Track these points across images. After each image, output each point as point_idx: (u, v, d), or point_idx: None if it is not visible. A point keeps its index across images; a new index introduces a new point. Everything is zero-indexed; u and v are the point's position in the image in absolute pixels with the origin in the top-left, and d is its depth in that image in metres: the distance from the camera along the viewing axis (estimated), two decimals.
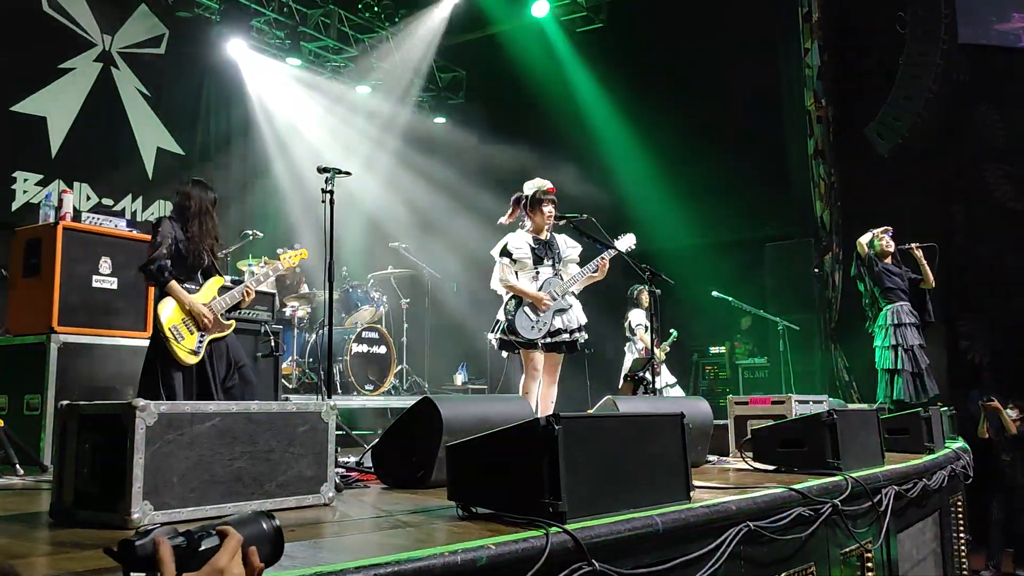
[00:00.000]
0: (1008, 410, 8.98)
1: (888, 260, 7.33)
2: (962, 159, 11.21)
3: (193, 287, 4.55)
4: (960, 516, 5.53)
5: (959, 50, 10.17)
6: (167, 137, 9.39)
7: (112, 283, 5.27)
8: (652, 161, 10.69)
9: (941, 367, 9.89)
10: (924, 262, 7.24)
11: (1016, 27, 11.30)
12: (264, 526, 1.26)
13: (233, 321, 4.69)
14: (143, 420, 2.22)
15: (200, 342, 4.46)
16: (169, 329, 4.34)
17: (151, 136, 9.23)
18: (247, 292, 4.66)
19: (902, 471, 4.04)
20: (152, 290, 5.01)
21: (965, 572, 5.53)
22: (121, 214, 7.34)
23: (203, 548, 1.14)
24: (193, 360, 4.42)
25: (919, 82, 9.45)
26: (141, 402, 2.24)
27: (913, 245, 7.28)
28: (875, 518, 3.54)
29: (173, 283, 4.41)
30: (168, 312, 4.39)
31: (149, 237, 4.76)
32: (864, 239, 7.35)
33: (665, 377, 8.78)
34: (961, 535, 5.51)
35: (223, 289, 4.68)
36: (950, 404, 7.90)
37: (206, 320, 4.44)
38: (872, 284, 7.28)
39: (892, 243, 7.33)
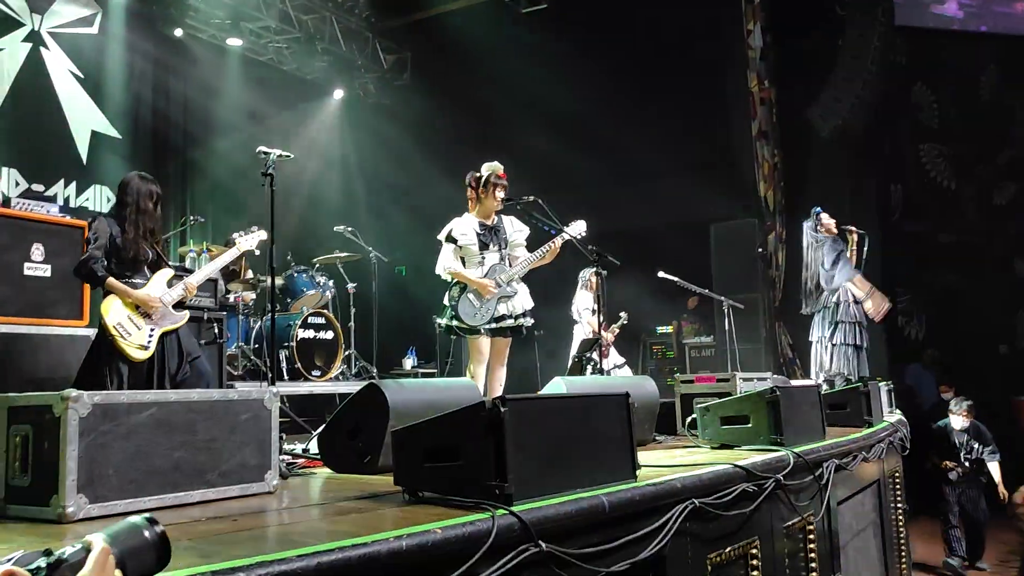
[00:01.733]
0: (952, 400, 8.61)
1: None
2: (899, 139, 11.48)
3: (140, 281, 4.43)
4: (898, 487, 5.70)
5: (896, 32, 10.38)
6: (102, 120, 9.10)
7: (45, 270, 5.11)
8: (597, 142, 10.71)
9: (880, 342, 10.15)
10: (856, 247, 7.41)
11: (951, 10, 11.58)
12: (146, 534, 1.21)
13: (186, 313, 4.58)
14: (76, 411, 2.15)
15: (151, 336, 4.34)
16: (115, 327, 4.21)
17: (85, 119, 8.93)
18: (188, 289, 4.55)
19: (842, 445, 4.13)
20: None
21: (903, 541, 5.70)
22: (53, 199, 7.09)
23: (68, 563, 1.09)
24: (144, 355, 4.30)
25: (858, 63, 9.64)
26: (74, 392, 2.17)
27: (852, 228, 7.45)
28: (816, 491, 3.62)
29: (111, 279, 4.28)
30: (112, 309, 4.26)
31: (83, 223, 4.65)
32: (828, 220, 7.46)
33: (613, 358, 8.85)
34: (899, 505, 5.67)
35: (172, 281, 4.56)
36: (889, 378, 8.11)
37: (154, 308, 4.32)
38: (822, 262, 7.41)
39: (832, 221, 7.48)
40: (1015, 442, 9.73)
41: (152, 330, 4.33)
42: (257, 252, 5.16)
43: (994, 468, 8.07)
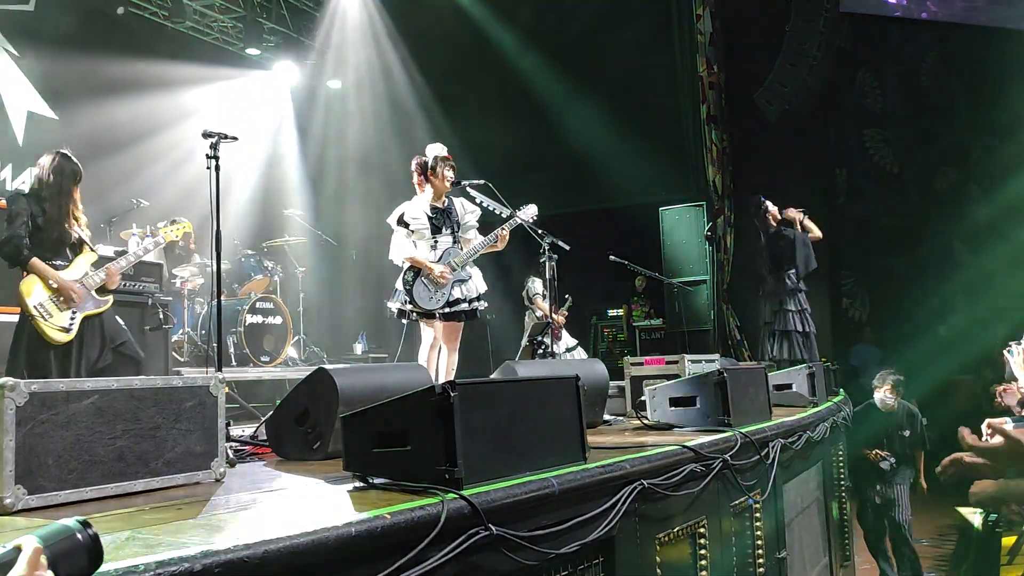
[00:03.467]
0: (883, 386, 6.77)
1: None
2: (844, 124, 11.69)
3: (61, 263, 4.32)
4: (841, 465, 5.84)
5: (840, 18, 10.54)
6: (39, 101, 8.82)
7: None
8: (547, 126, 10.72)
9: (824, 324, 10.36)
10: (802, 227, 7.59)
11: None
12: (78, 536, 1.19)
13: (111, 297, 4.48)
14: (12, 400, 2.09)
15: (72, 318, 4.23)
16: (35, 307, 4.11)
17: (20, 99, 8.64)
18: (109, 274, 4.45)
19: (788, 424, 4.21)
20: None
21: (846, 517, 5.85)
22: None
23: None
24: (65, 338, 4.20)
25: (804, 49, 9.77)
26: (10, 381, 2.10)
27: (790, 210, 7.61)
28: (763, 470, 3.69)
29: (35, 260, 4.18)
30: (32, 289, 4.15)
31: None
32: (773, 208, 7.61)
33: (566, 340, 8.90)
34: (842, 483, 5.82)
35: (97, 264, 4.46)
36: (833, 359, 8.28)
37: (74, 295, 4.22)
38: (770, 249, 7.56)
39: (775, 208, 7.64)
40: (951, 421, 10.01)
41: (74, 313, 4.23)
42: (181, 243, 5.08)
43: (917, 457, 6.78)
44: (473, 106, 10.87)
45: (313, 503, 2.22)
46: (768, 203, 7.61)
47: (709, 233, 10.06)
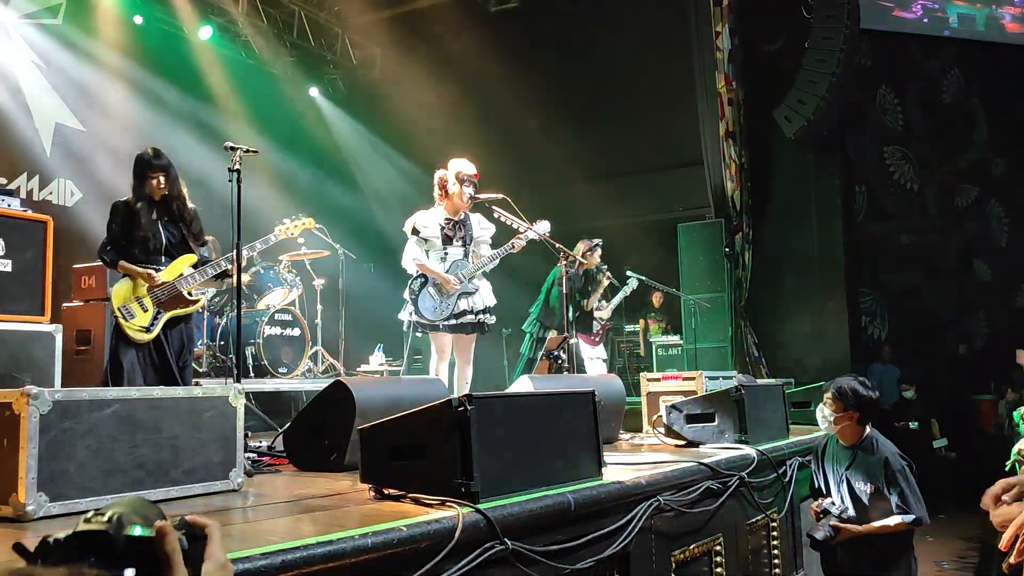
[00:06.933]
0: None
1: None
2: (864, 141, 11.64)
3: (153, 265, 4.46)
4: None
5: (861, 35, 10.50)
6: (66, 112, 8.93)
7: (5, 265, 5.01)
8: (565, 141, 10.74)
9: (843, 343, 10.30)
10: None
11: (914, 14, 11.76)
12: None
13: (201, 298, 4.64)
14: (36, 408, 2.12)
15: (155, 319, 4.38)
16: (119, 308, 4.32)
17: (48, 111, 8.76)
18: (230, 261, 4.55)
19: (805, 443, 4.19)
20: (49, 274, 4.97)
21: None
22: (15, 193, 6.94)
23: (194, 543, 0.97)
24: (145, 337, 4.36)
25: (824, 66, 9.73)
26: (33, 389, 2.14)
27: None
28: (780, 488, 3.67)
29: (122, 261, 4.39)
30: (119, 291, 4.36)
31: (45, 217, 4.72)
32: (596, 258, 7.71)
33: (599, 351, 8.79)
34: None
35: (196, 265, 4.56)
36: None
37: (153, 285, 4.36)
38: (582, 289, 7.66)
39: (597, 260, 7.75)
40: (974, 442, 9.91)
41: (158, 313, 4.38)
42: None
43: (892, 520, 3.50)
44: (494, 120, 10.91)
45: (330, 514, 2.23)
46: (599, 251, 7.70)
47: (727, 250, 10.02)
